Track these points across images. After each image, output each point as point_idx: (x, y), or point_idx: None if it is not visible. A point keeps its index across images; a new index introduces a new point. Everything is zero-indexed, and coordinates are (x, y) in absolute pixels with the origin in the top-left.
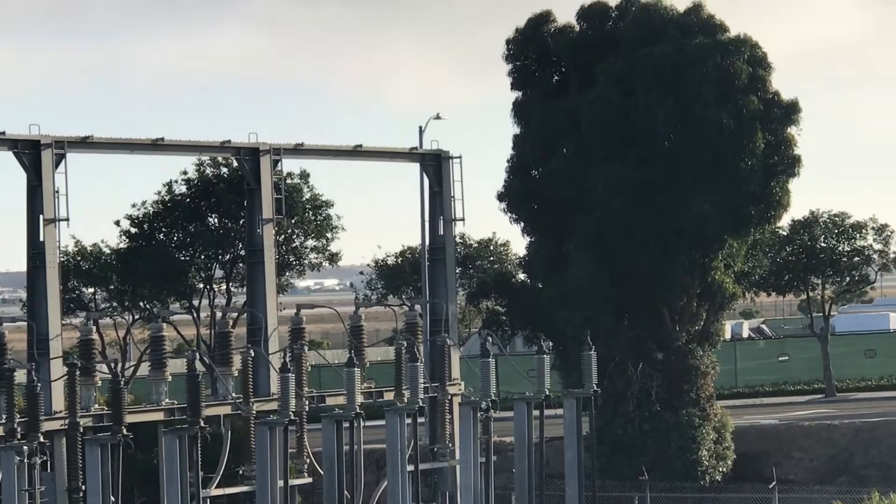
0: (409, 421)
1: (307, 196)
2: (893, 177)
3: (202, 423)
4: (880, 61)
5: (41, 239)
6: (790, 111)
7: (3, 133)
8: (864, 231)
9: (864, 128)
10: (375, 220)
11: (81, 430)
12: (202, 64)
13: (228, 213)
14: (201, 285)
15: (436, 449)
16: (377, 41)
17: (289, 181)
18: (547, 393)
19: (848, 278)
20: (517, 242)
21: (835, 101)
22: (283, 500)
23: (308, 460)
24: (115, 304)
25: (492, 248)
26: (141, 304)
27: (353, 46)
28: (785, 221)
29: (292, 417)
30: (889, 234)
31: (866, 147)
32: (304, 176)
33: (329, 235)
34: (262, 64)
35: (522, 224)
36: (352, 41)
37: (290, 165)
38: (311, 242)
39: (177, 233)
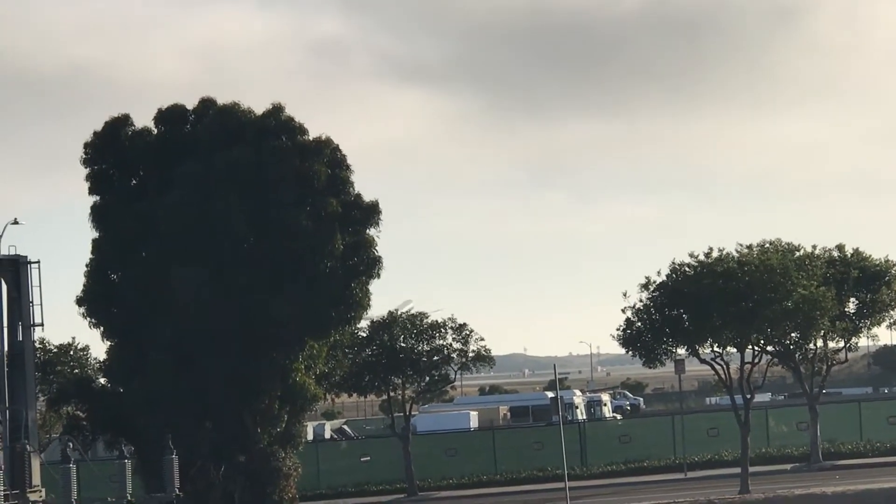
0: None
1: None
2: (469, 277)
3: None
4: (442, 161)
5: None
6: (370, 213)
7: None
8: (443, 330)
9: (440, 228)
10: None
11: None
12: None
13: None
14: None
15: None
16: None
17: None
18: (129, 498)
19: (428, 378)
20: (97, 347)
21: (412, 200)
22: None
23: None
24: None
25: (72, 352)
26: None
27: None
28: (365, 322)
29: None
30: (468, 333)
31: (444, 248)
32: None
33: None
34: None
35: (102, 328)
36: None
37: None
38: None
39: None
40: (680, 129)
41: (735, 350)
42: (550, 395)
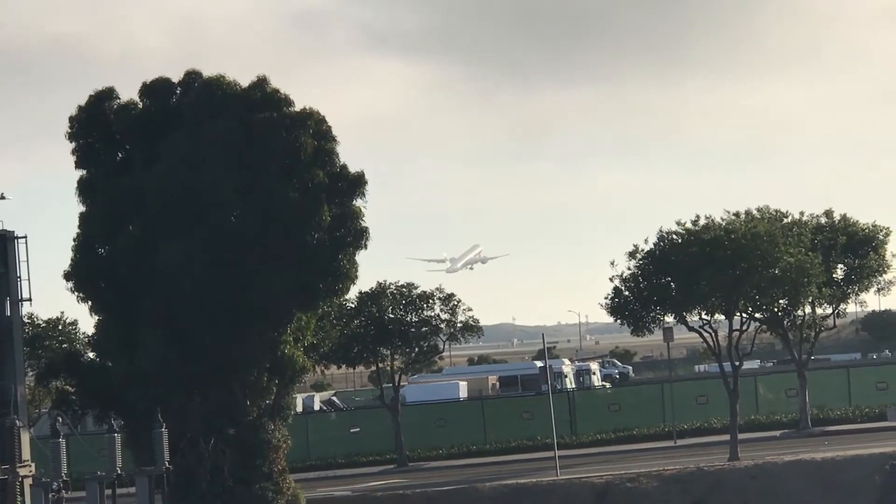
0: None
1: None
2: (455, 247)
3: None
4: (425, 131)
5: None
6: (356, 184)
7: None
8: (431, 301)
9: (424, 198)
10: None
11: None
12: None
13: None
14: None
15: None
16: None
17: None
18: (119, 471)
19: (417, 348)
20: (86, 321)
21: (396, 171)
22: None
23: None
24: None
25: (60, 327)
26: None
27: None
28: (353, 293)
29: None
30: (456, 303)
31: (426, 217)
32: None
33: None
34: None
35: (90, 303)
36: None
37: None
38: None
39: None
40: (665, 95)
41: (723, 317)
42: (539, 364)
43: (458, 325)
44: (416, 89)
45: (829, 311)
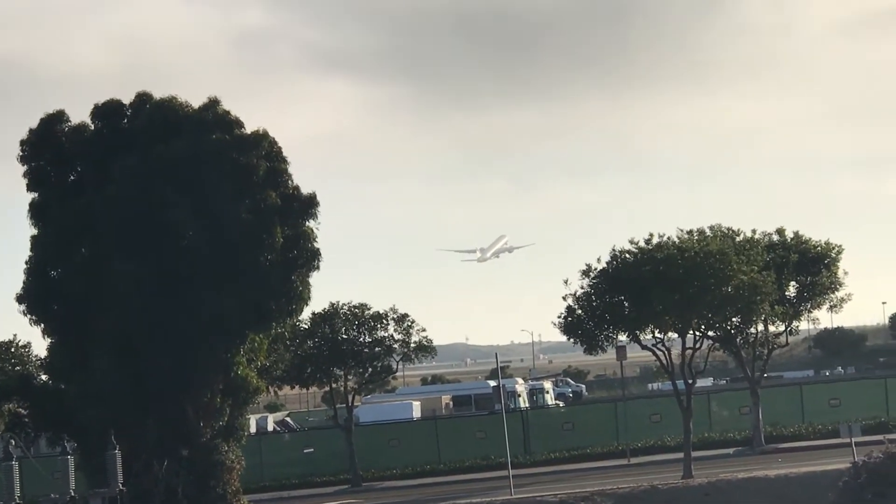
0: None
1: None
2: (408, 267)
3: None
4: (377, 149)
5: None
6: (308, 205)
7: None
8: (384, 321)
9: (376, 218)
10: None
11: None
12: None
13: None
14: None
15: None
16: None
17: None
18: (72, 494)
19: (370, 368)
20: (39, 344)
21: (346, 191)
22: None
23: None
24: None
25: (13, 350)
26: None
27: None
28: (306, 314)
29: None
30: (409, 323)
31: (382, 238)
32: None
33: None
34: None
35: (43, 325)
36: None
37: None
38: None
39: None
40: (613, 113)
41: (676, 335)
42: (493, 383)
43: (412, 345)
44: (363, 110)
45: (782, 328)
